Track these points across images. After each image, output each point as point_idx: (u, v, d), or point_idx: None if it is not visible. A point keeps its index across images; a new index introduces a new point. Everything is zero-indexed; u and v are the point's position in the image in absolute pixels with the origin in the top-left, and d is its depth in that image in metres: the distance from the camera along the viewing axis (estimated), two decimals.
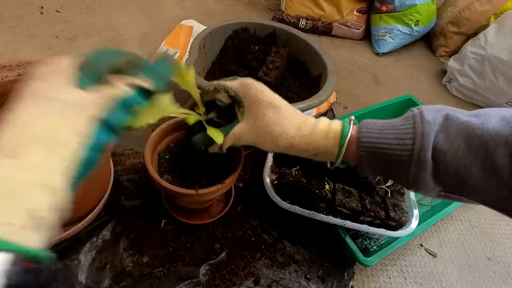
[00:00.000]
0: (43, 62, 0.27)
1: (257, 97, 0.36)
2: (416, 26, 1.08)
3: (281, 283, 0.53)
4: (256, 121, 0.36)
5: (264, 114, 0.36)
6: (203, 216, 0.58)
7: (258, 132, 0.36)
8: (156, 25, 0.99)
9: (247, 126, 0.37)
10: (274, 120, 0.36)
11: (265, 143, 0.37)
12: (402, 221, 0.55)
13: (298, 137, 0.36)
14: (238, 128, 0.37)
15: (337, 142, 0.35)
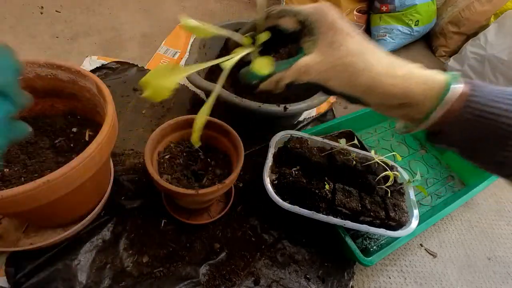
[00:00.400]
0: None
1: (336, 23, 0.30)
2: (416, 26, 1.08)
3: (281, 283, 0.53)
4: (333, 52, 0.30)
5: (345, 43, 0.30)
6: (203, 216, 0.58)
7: (334, 64, 0.30)
8: (156, 25, 0.99)
9: (319, 57, 0.31)
10: (357, 52, 0.29)
11: (339, 79, 0.30)
12: (402, 221, 0.55)
13: (386, 76, 0.29)
14: (306, 59, 0.31)
15: (439, 93, 0.28)
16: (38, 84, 0.49)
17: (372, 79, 0.29)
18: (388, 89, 0.29)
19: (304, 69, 0.31)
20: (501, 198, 0.77)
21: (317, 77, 0.31)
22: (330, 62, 0.30)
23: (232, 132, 0.54)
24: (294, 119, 0.77)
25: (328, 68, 0.30)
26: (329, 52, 0.30)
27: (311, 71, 0.31)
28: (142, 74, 0.81)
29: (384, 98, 0.30)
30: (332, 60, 0.30)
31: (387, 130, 0.85)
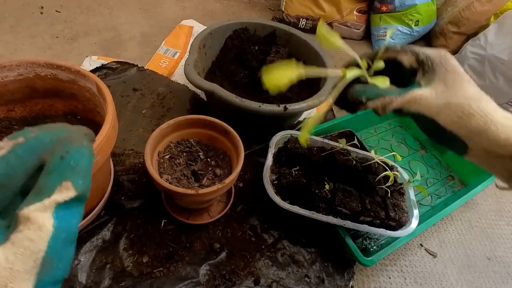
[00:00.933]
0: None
1: (458, 69, 0.32)
2: (416, 26, 1.08)
3: (281, 283, 0.53)
4: (450, 91, 0.31)
5: (463, 87, 0.31)
6: (203, 216, 0.58)
7: (449, 101, 0.31)
8: (156, 25, 0.99)
9: (434, 92, 0.32)
10: (475, 97, 0.30)
11: (450, 115, 0.31)
12: (402, 221, 0.55)
13: (501, 125, 0.29)
14: (421, 90, 0.32)
15: None
16: (38, 84, 0.49)
17: (486, 124, 0.30)
18: (501, 137, 0.29)
19: (418, 99, 0.32)
20: (501, 198, 0.77)
21: (428, 110, 0.32)
22: (446, 99, 0.31)
23: (232, 132, 0.54)
24: (294, 119, 0.77)
25: (443, 104, 0.31)
26: (447, 90, 0.31)
27: (424, 103, 0.32)
28: (142, 74, 0.81)
29: (494, 145, 0.30)
30: (449, 97, 0.31)
31: (387, 130, 0.85)
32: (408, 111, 0.33)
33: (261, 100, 0.59)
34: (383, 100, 0.34)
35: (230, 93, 0.58)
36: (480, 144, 0.31)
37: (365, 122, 0.82)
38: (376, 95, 0.34)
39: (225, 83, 0.73)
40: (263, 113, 0.58)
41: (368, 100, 0.34)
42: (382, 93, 0.34)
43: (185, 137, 0.57)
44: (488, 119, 0.30)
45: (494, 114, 0.30)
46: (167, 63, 0.86)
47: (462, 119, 0.30)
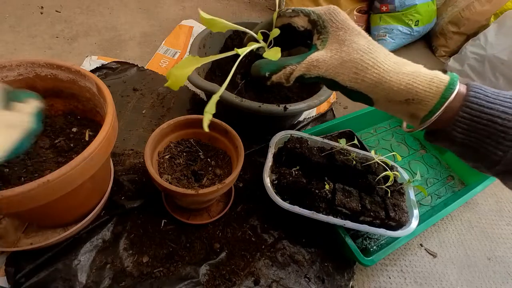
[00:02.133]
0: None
1: (346, 23, 0.32)
2: (416, 26, 1.08)
3: (281, 283, 0.53)
4: (343, 48, 0.32)
5: (354, 41, 0.32)
6: (203, 216, 0.58)
7: (343, 59, 0.31)
8: (156, 25, 0.99)
9: (330, 53, 0.32)
10: (366, 49, 0.31)
11: (348, 74, 0.32)
12: (402, 221, 0.55)
13: (393, 73, 0.30)
14: (318, 53, 0.33)
15: (441, 92, 0.29)
16: (38, 84, 0.49)
17: (379, 75, 0.30)
18: (394, 85, 0.30)
19: (316, 63, 0.32)
20: (501, 198, 0.77)
21: (327, 72, 0.32)
22: (340, 58, 0.32)
23: (232, 132, 0.54)
24: (294, 119, 0.77)
25: (338, 64, 0.32)
26: (340, 48, 0.32)
27: (322, 65, 0.32)
28: (142, 74, 0.81)
29: (390, 94, 0.31)
30: (343, 55, 0.32)
31: (387, 130, 0.85)
32: (310, 76, 0.33)
33: (261, 100, 0.59)
34: (284, 71, 0.34)
35: (230, 93, 0.58)
36: (379, 94, 0.31)
37: (365, 122, 0.82)
38: (277, 67, 0.34)
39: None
40: (263, 113, 0.58)
41: (271, 74, 0.35)
42: (282, 63, 0.34)
43: (185, 137, 0.57)
44: (381, 69, 0.30)
45: (386, 63, 0.31)
46: (167, 63, 0.86)
47: (357, 74, 0.31)
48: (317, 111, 0.84)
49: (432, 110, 0.30)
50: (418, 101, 0.30)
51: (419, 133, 0.83)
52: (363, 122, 0.81)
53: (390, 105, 0.32)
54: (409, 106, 0.31)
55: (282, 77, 0.35)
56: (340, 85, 0.33)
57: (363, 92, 0.32)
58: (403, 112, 0.32)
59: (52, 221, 0.49)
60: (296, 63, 0.33)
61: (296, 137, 0.62)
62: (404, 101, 0.31)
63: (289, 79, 0.35)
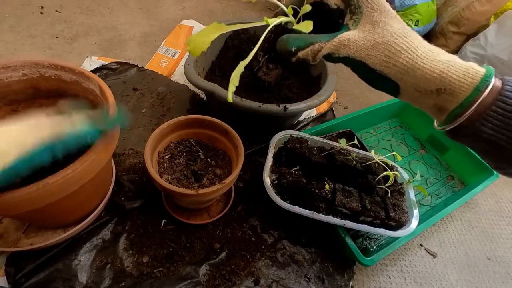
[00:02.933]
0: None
1: (383, 4, 0.31)
2: (416, 26, 1.08)
3: (281, 283, 0.53)
4: (376, 29, 0.30)
5: (389, 23, 0.30)
6: (203, 216, 0.58)
7: (376, 41, 0.30)
8: (156, 25, 0.99)
9: (362, 33, 0.31)
10: (401, 33, 0.30)
11: (379, 56, 0.30)
12: (402, 221, 0.55)
13: (427, 59, 0.29)
14: (349, 33, 0.32)
15: (476, 83, 0.28)
16: (42, 84, 0.49)
17: (412, 60, 0.29)
18: (427, 72, 0.29)
19: (347, 42, 0.31)
20: (501, 198, 0.77)
21: (357, 53, 0.31)
22: (373, 39, 0.30)
23: (232, 132, 0.54)
24: (294, 119, 0.77)
25: (370, 45, 0.30)
26: (374, 30, 0.31)
27: (353, 45, 0.31)
28: (142, 75, 0.81)
29: (421, 82, 0.29)
30: (376, 37, 0.30)
31: (387, 130, 0.85)
32: (338, 56, 0.32)
33: (261, 100, 0.59)
34: (312, 47, 0.33)
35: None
36: (409, 82, 0.30)
37: (365, 122, 0.82)
38: (305, 43, 0.33)
39: (225, 83, 0.73)
40: (263, 113, 0.58)
41: (297, 50, 0.33)
42: (311, 39, 0.33)
43: (185, 137, 0.57)
44: (415, 55, 0.29)
45: (420, 49, 0.30)
46: (167, 63, 0.86)
47: (389, 58, 0.30)
48: (317, 111, 0.84)
49: (463, 102, 0.28)
50: (450, 92, 0.29)
51: (419, 132, 0.84)
52: (363, 122, 0.81)
53: (417, 95, 0.31)
54: (439, 97, 0.29)
55: (309, 54, 0.33)
56: (369, 68, 0.31)
57: (392, 78, 0.31)
58: (431, 104, 0.31)
59: (53, 222, 0.49)
60: (325, 41, 0.32)
61: (296, 137, 0.62)
62: (435, 91, 0.29)
63: (316, 57, 0.33)
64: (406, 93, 0.32)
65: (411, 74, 0.29)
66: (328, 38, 0.32)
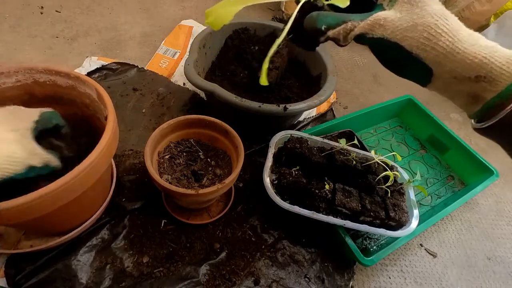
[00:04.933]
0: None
1: None
2: None
3: (281, 283, 0.53)
4: (415, 9, 0.29)
5: (428, 3, 0.29)
6: (203, 216, 0.58)
7: (414, 22, 0.28)
8: (156, 25, 0.99)
9: (400, 13, 0.29)
10: (441, 14, 0.29)
11: (417, 38, 0.28)
12: (402, 221, 0.55)
13: (468, 44, 0.27)
14: (385, 12, 0.30)
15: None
16: (36, 90, 0.48)
17: (453, 44, 0.28)
18: (468, 57, 0.27)
19: (383, 22, 0.29)
20: (501, 198, 0.77)
21: (393, 34, 0.29)
22: (412, 20, 0.29)
23: (232, 132, 0.54)
24: (294, 119, 0.77)
25: (408, 27, 0.29)
26: (412, 10, 0.29)
27: (389, 25, 0.29)
28: (142, 75, 0.81)
29: (460, 68, 0.28)
30: (414, 18, 0.29)
31: (387, 130, 0.85)
32: (372, 36, 0.30)
33: (261, 100, 0.59)
34: (345, 26, 0.31)
35: (230, 93, 0.58)
36: (446, 67, 0.28)
37: (365, 122, 0.82)
38: (336, 21, 0.31)
39: (225, 83, 0.73)
40: (263, 113, 0.58)
41: (328, 29, 0.31)
42: (344, 18, 0.31)
43: (185, 137, 0.57)
44: (456, 38, 0.28)
45: (461, 32, 0.28)
46: (167, 64, 0.86)
47: (429, 40, 0.28)
48: (317, 111, 0.84)
49: (503, 92, 0.26)
50: (490, 79, 0.27)
51: (419, 132, 0.84)
52: (363, 122, 0.81)
53: (453, 82, 0.29)
54: (477, 85, 0.28)
55: (340, 33, 0.31)
56: (404, 51, 0.29)
57: (427, 62, 0.29)
58: (465, 92, 0.29)
59: (53, 229, 0.48)
60: (359, 20, 0.30)
61: (296, 137, 0.62)
62: (474, 78, 0.27)
63: (348, 37, 0.31)
64: (439, 80, 0.30)
65: (450, 58, 0.28)
66: (362, 17, 0.30)
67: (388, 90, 0.99)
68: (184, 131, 0.57)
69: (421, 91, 1.01)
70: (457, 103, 0.32)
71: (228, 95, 0.58)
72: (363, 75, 1.02)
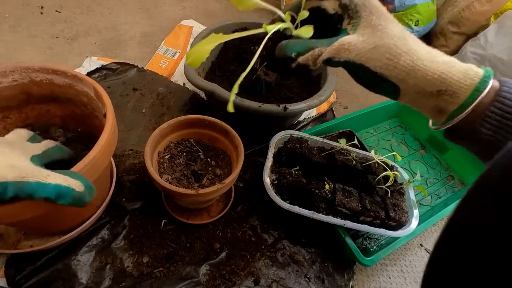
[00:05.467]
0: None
1: (380, 8, 0.32)
2: (416, 26, 1.08)
3: (281, 283, 0.53)
4: (376, 33, 0.31)
5: (388, 27, 0.31)
6: (203, 216, 0.58)
7: (376, 44, 0.30)
8: (156, 25, 0.99)
9: (362, 37, 0.31)
10: (400, 36, 0.30)
11: (379, 59, 0.30)
12: (402, 221, 0.55)
13: (427, 61, 0.29)
14: (349, 37, 0.32)
15: (475, 84, 0.28)
16: (33, 89, 0.48)
17: (413, 62, 0.29)
18: (428, 73, 0.29)
19: (347, 46, 0.31)
20: None
21: (358, 56, 0.31)
22: (373, 42, 0.31)
23: (232, 132, 0.54)
24: (294, 119, 0.77)
25: (371, 48, 0.31)
26: (373, 33, 0.31)
27: (353, 49, 0.31)
28: (142, 75, 0.81)
29: (422, 83, 0.30)
30: (376, 40, 0.31)
31: (387, 130, 0.85)
32: (339, 60, 0.32)
33: (261, 100, 0.59)
34: (312, 52, 0.33)
35: (230, 93, 0.58)
36: (409, 83, 0.30)
37: (365, 122, 0.82)
38: (304, 48, 0.33)
39: (225, 83, 0.73)
40: (263, 113, 0.58)
41: (297, 55, 0.33)
42: (311, 44, 0.33)
43: (185, 137, 0.57)
44: (415, 57, 0.29)
45: (420, 51, 0.30)
46: (167, 64, 0.86)
47: (390, 60, 0.30)
48: (317, 111, 0.84)
49: (463, 104, 0.28)
50: (450, 93, 0.29)
51: (419, 132, 0.84)
52: (363, 122, 0.81)
53: (418, 97, 0.31)
54: (439, 99, 0.30)
55: (309, 59, 0.33)
56: (370, 71, 0.31)
57: (392, 80, 0.31)
58: (431, 105, 0.31)
59: (53, 229, 0.48)
60: (325, 45, 0.32)
61: (296, 137, 0.62)
62: (436, 92, 0.29)
63: (316, 62, 0.33)
64: (406, 95, 0.32)
65: (412, 75, 0.30)
66: (328, 43, 0.32)
67: None
68: (184, 131, 0.57)
69: None
70: (426, 115, 0.34)
71: (228, 95, 0.58)
72: None
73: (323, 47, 0.33)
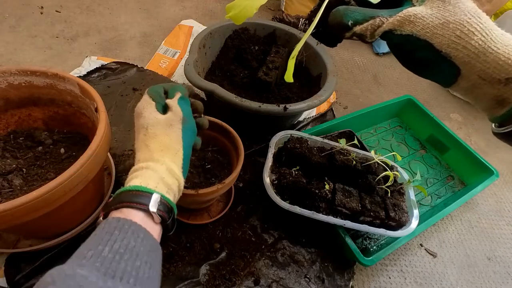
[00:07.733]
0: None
1: None
2: None
3: (281, 283, 0.53)
4: (447, 6, 0.28)
5: (460, 1, 0.28)
6: (203, 216, 0.58)
7: (446, 19, 0.27)
8: (156, 25, 0.99)
9: (430, 10, 0.28)
10: (475, 12, 0.27)
11: (448, 36, 0.27)
12: (402, 221, 0.55)
13: (501, 44, 0.26)
14: (415, 8, 0.29)
15: None
16: (12, 94, 0.46)
17: (485, 43, 0.26)
18: (501, 58, 0.26)
19: (413, 18, 0.28)
20: (501, 198, 0.77)
21: (423, 31, 0.28)
22: (443, 17, 0.27)
23: (232, 132, 0.54)
24: (294, 119, 0.77)
25: (440, 23, 0.28)
26: (444, 7, 0.28)
27: (419, 22, 0.28)
28: (142, 75, 0.81)
29: (490, 69, 0.27)
30: (446, 15, 0.27)
31: (387, 130, 0.85)
32: (401, 33, 0.29)
33: (261, 100, 0.59)
34: (373, 22, 0.30)
35: (230, 93, 0.58)
36: (476, 68, 0.27)
37: (365, 122, 0.82)
38: (364, 17, 0.30)
39: (225, 83, 0.73)
40: (263, 113, 0.58)
41: (354, 24, 0.30)
42: (371, 13, 0.30)
43: None
44: (489, 38, 0.26)
45: (495, 32, 0.27)
46: (167, 64, 0.86)
47: (460, 39, 0.27)
48: (317, 111, 0.84)
49: None
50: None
51: (419, 132, 0.84)
52: (363, 122, 0.81)
53: (481, 84, 0.28)
54: (505, 88, 0.27)
55: (368, 29, 0.30)
56: (433, 49, 0.28)
57: (456, 62, 0.28)
58: (492, 95, 0.28)
59: (50, 232, 0.47)
60: (388, 16, 0.29)
61: (296, 137, 0.62)
62: (504, 80, 0.26)
63: (375, 33, 0.30)
64: (466, 81, 0.29)
65: (481, 58, 0.27)
66: (390, 13, 0.30)
67: (388, 90, 0.99)
68: None
69: (421, 91, 1.01)
70: (480, 106, 0.31)
71: (228, 95, 0.58)
72: (363, 75, 1.02)
73: (385, 17, 0.30)
